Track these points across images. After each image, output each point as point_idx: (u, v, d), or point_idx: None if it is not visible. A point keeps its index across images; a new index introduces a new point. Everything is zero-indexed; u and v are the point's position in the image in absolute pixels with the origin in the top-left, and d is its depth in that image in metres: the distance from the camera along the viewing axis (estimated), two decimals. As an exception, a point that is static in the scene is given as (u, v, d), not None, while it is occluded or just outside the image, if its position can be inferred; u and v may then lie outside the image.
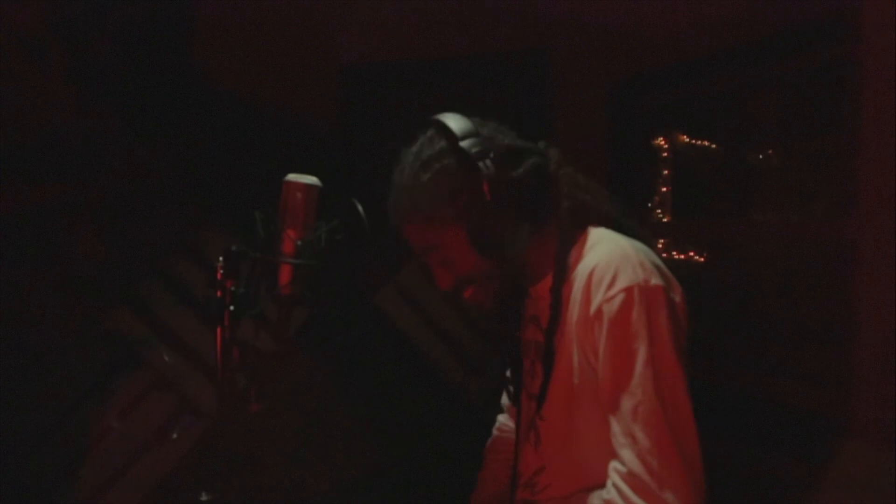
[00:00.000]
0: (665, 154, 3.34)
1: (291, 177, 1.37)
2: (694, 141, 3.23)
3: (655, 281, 1.24)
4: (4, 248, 2.39)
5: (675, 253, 3.23)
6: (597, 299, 1.25)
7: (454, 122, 1.34)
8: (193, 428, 2.23)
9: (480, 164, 1.29)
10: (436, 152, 1.34)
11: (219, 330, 1.34)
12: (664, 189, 3.36)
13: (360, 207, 1.37)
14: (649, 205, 3.30)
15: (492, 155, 1.30)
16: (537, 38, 3.08)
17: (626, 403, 1.22)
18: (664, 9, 2.72)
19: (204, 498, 1.45)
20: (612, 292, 1.24)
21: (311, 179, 1.37)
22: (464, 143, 1.31)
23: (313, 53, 3.03)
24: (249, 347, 1.34)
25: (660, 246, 3.28)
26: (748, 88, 2.81)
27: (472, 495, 1.69)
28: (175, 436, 2.22)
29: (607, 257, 1.28)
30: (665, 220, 3.28)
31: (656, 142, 3.31)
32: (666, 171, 3.34)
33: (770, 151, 2.87)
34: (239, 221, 1.52)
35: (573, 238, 1.37)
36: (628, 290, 1.23)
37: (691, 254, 3.23)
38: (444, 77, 3.07)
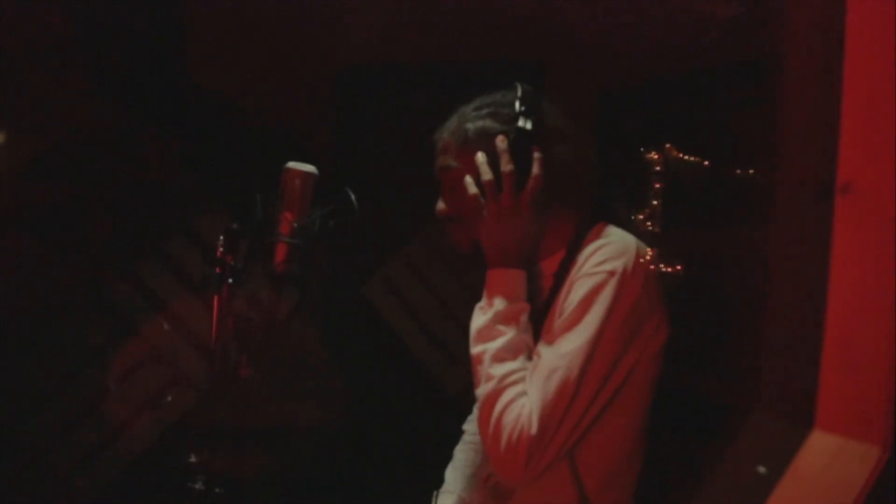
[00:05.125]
0: (658, 168, 3.43)
1: (292, 164, 1.49)
2: (685, 155, 3.31)
3: (637, 277, 1.40)
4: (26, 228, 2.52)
5: (662, 265, 3.32)
6: (584, 269, 1.41)
7: (529, 91, 1.50)
8: (184, 394, 2.37)
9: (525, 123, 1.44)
10: (504, 101, 1.51)
11: (216, 300, 1.46)
12: (655, 202, 3.46)
13: (353, 197, 1.49)
14: (640, 216, 3.39)
15: (538, 125, 1.45)
16: (531, 49, 3.13)
17: (555, 358, 1.36)
18: (658, 23, 2.79)
19: (192, 459, 1.56)
20: (598, 269, 1.40)
21: (310, 168, 1.49)
22: (524, 109, 1.46)
23: (311, 55, 3.09)
24: (243, 318, 1.46)
25: (648, 257, 3.37)
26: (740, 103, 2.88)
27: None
28: (169, 398, 2.35)
29: (612, 245, 1.43)
30: (655, 231, 3.36)
31: (649, 156, 3.39)
32: (658, 185, 3.43)
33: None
34: (237, 206, 1.63)
35: (589, 227, 1.52)
36: (610, 274, 1.39)
37: (678, 267, 3.32)
38: (437, 83, 3.10)
